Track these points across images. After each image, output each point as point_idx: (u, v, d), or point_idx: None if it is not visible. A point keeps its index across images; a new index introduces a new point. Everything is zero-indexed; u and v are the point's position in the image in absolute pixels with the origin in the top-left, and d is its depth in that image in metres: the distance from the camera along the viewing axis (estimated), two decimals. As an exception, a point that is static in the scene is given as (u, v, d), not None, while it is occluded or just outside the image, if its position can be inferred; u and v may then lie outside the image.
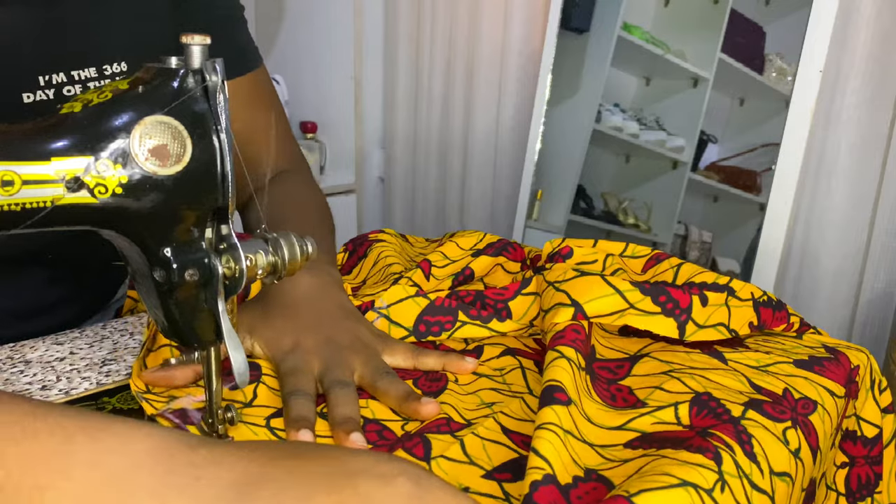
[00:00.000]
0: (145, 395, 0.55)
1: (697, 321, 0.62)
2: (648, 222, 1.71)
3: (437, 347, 0.66)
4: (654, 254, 0.74)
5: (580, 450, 0.48)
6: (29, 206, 0.41)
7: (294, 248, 0.48)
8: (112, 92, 0.43)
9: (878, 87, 1.38)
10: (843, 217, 1.43)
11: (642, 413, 0.52)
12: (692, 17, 1.63)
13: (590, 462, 0.47)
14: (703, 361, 0.60)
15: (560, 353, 0.55)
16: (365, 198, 2.22)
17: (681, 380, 0.56)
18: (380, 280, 0.75)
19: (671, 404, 0.52)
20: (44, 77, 0.65)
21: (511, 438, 0.52)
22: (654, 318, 0.61)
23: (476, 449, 0.50)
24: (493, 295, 0.69)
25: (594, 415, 0.52)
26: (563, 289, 0.63)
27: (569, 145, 1.79)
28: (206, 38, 0.44)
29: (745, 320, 0.64)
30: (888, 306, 1.43)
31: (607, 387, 0.57)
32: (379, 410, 0.56)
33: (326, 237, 0.76)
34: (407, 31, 2.05)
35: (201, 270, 0.45)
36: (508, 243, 0.81)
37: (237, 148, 0.46)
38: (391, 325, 0.67)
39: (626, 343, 0.64)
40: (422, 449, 0.49)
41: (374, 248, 0.82)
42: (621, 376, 0.59)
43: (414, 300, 0.68)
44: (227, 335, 0.47)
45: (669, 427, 0.50)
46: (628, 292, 0.62)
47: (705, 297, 0.62)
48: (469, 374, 0.62)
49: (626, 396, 0.56)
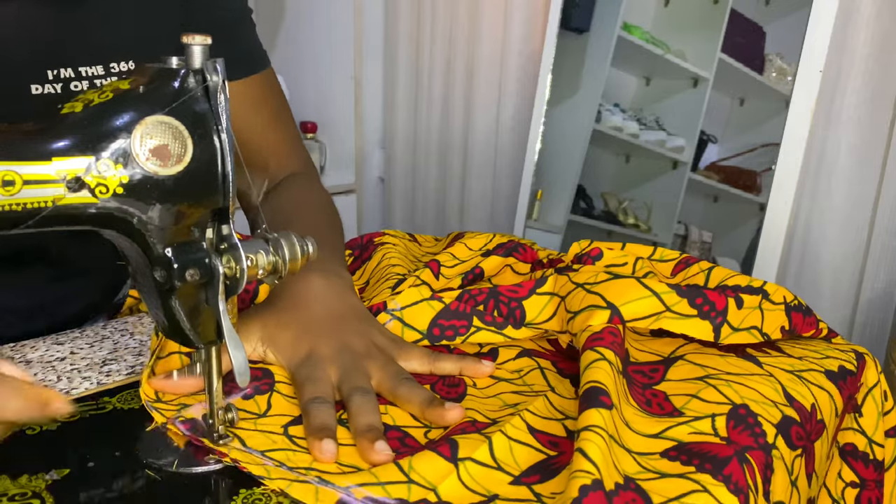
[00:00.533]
0: (155, 403, 0.55)
1: (732, 324, 0.61)
2: (648, 222, 1.71)
3: (452, 351, 0.66)
4: (684, 257, 0.74)
5: (620, 455, 0.48)
6: (30, 206, 0.41)
7: (295, 248, 0.48)
8: (113, 92, 0.43)
9: (878, 87, 1.38)
10: (843, 217, 1.43)
11: (679, 422, 0.52)
12: (692, 17, 1.63)
13: (628, 469, 0.47)
14: (738, 366, 0.59)
15: (601, 354, 0.55)
16: (365, 198, 2.22)
17: (717, 388, 0.55)
18: (381, 279, 0.75)
19: (708, 415, 0.52)
20: (52, 71, 0.66)
21: (538, 439, 0.52)
22: (690, 321, 0.61)
23: (503, 451, 0.49)
24: (507, 292, 0.68)
25: (631, 419, 0.52)
26: (596, 290, 0.62)
27: (569, 145, 1.79)
28: (206, 38, 0.44)
29: (778, 324, 0.63)
30: (888, 306, 1.43)
31: (642, 391, 0.57)
32: (399, 417, 0.56)
33: (335, 239, 0.76)
34: (407, 31, 2.05)
35: (202, 270, 0.46)
36: (520, 244, 0.80)
37: (237, 147, 0.46)
38: (404, 328, 0.66)
39: (658, 345, 0.64)
40: (448, 449, 0.48)
41: (378, 251, 0.82)
42: (656, 381, 0.59)
43: (429, 303, 0.67)
44: (227, 335, 0.47)
45: (706, 438, 0.50)
46: (665, 294, 0.61)
47: (740, 299, 0.62)
48: (487, 379, 0.62)
49: (661, 402, 0.56)
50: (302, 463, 0.49)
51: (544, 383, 0.61)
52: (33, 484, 0.46)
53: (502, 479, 0.48)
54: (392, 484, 0.46)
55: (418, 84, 2.05)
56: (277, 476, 0.47)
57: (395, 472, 0.47)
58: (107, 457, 0.50)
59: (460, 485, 0.46)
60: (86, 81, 0.68)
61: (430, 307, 0.67)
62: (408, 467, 0.47)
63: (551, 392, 0.58)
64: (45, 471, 0.48)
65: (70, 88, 0.67)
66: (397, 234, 0.88)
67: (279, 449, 0.50)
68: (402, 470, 0.47)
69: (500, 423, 0.53)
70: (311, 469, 0.48)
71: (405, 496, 0.45)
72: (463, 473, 0.47)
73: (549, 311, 0.67)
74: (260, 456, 0.49)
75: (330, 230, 0.76)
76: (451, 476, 0.46)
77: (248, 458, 0.49)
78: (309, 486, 0.46)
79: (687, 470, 0.47)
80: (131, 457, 0.50)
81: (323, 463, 0.49)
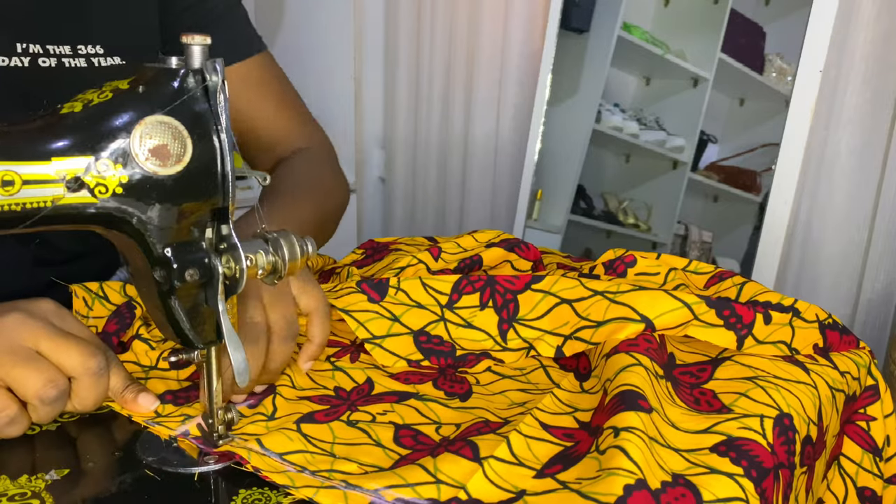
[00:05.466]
0: (156, 419, 0.55)
1: (757, 337, 0.62)
2: (648, 222, 1.71)
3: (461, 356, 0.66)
4: (718, 271, 0.74)
5: (666, 456, 0.48)
6: (29, 206, 0.41)
7: (294, 248, 0.48)
8: (112, 91, 0.43)
9: (878, 87, 1.38)
10: (843, 217, 1.43)
11: (728, 418, 0.52)
12: (692, 17, 1.63)
13: (676, 467, 0.47)
14: (787, 371, 0.59)
15: (636, 359, 0.55)
16: (365, 198, 2.22)
17: (766, 390, 0.56)
18: (384, 268, 0.75)
19: (758, 415, 0.52)
20: (21, 44, 0.67)
21: (552, 433, 0.52)
22: (715, 330, 0.61)
23: (522, 448, 0.50)
24: (503, 282, 0.68)
25: (678, 419, 0.53)
26: (622, 301, 0.63)
27: (569, 145, 1.79)
28: (206, 38, 0.44)
29: (810, 341, 0.63)
30: (888, 306, 1.43)
31: (690, 391, 0.58)
32: (408, 415, 0.56)
33: (305, 210, 0.75)
34: (407, 31, 2.05)
35: (201, 270, 0.46)
36: (523, 242, 0.81)
37: (237, 138, 0.46)
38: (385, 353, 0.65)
39: (705, 346, 0.64)
40: (469, 451, 0.49)
41: (391, 255, 0.82)
42: (704, 380, 0.59)
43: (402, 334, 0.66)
44: (227, 335, 0.47)
45: (755, 437, 0.50)
46: (695, 304, 0.62)
47: (769, 315, 0.62)
48: (491, 375, 0.62)
49: (710, 400, 0.56)
50: (323, 465, 0.49)
51: (548, 381, 0.61)
52: (33, 484, 0.46)
53: (525, 473, 0.48)
54: (421, 485, 0.46)
55: (418, 84, 2.05)
56: (302, 484, 0.47)
57: (420, 472, 0.47)
58: (107, 457, 0.50)
59: (487, 482, 0.46)
60: (53, 59, 0.68)
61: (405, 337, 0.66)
62: (433, 468, 0.47)
63: (557, 388, 0.59)
64: (45, 471, 0.48)
65: (38, 63, 0.67)
66: (418, 241, 0.88)
67: (297, 451, 0.50)
68: (428, 471, 0.47)
69: (513, 422, 0.53)
70: (334, 471, 0.48)
71: (435, 496, 0.45)
72: (488, 471, 0.47)
73: (543, 309, 0.67)
74: (279, 460, 0.49)
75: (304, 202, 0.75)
76: (477, 473, 0.47)
77: (269, 464, 0.49)
78: (337, 492, 0.46)
79: (735, 471, 0.47)
80: (131, 457, 0.50)
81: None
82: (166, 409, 0.56)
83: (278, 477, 0.47)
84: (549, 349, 0.65)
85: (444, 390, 0.59)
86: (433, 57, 1.99)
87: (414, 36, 2.04)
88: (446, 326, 0.67)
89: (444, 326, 0.67)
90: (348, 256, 0.86)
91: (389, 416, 0.55)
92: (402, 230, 2.16)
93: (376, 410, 0.56)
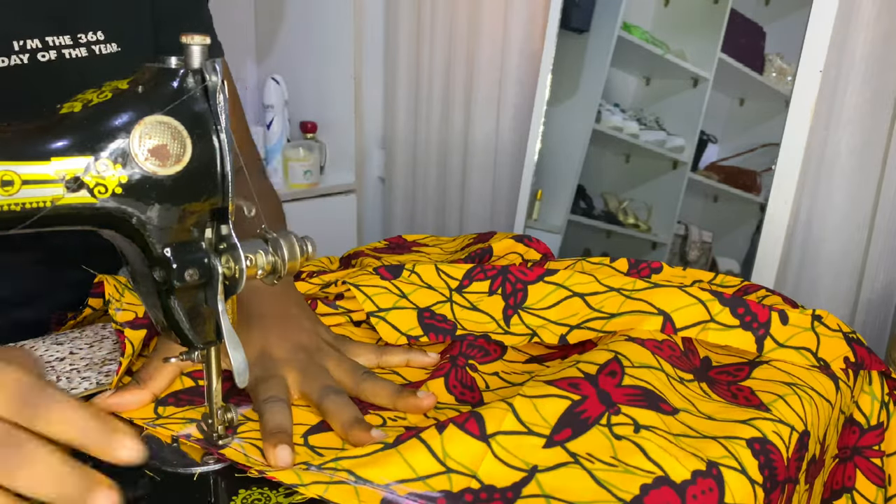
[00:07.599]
0: (157, 421, 0.54)
1: (777, 338, 0.61)
2: (648, 222, 1.71)
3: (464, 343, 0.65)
4: (744, 285, 0.74)
5: (701, 445, 0.48)
6: (29, 206, 0.41)
7: (294, 248, 0.48)
8: (112, 91, 0.43)
9: (878, 87, 1.38)
10: (843, 217, 1.43)
11: (766, 417, 0.52)
12: (692, 17, 1.63)
13: (714, 454, 0.47)
14: (821, 383, 0.59)
15: (658, 364, 0.55)
16: (365, 198, 2.22)
17: (801, 400, 0.55)
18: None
19: (790, 425, 0.52)
20: (18, 42, 0.66)
21: (557, 385, 0.51)
22: (733, 332, 0.61)
23: (528, 412, 0.49)
24: (516, 272, 0.69)
25: (716, 411, 0.53)
26: (639, 297, 0.63)
27: (569, 145, 1.79)
28: (205, 38, 0.44)
29: (839, 353, 0.62)
30: (888, 306, 1.43)
31: (728, 388, 0.58)
32: (420, 422, 0.55)
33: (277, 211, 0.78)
34: (407, 30, 2.05)
35: (201, 270, 0.45)
36: (531, 237, 0.84)
37: (237, 149, 0.46)
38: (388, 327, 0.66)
39: (739, 350, 0.64)
40: (475, 425, 0.48)
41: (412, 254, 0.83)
42: (742, 378, 0.59)
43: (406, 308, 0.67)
44: (226, 335, 0.47)
45: (781, 448, 0.50)
46: (709, 302, 0.62)
47: (785, 315, 0.62)
48: (499, 381, 0.62)
49: (748, 396, 0.56)
50: (328, 455, 0.49)
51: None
52: (32, 484, 0.46)
53: (535, 443, 0.47)
54: (432, 477, 0.45)
55: (418, 84, 2.05)
56: (311, 481, 0.45)
57: (429, 460, 0.46)
58: (106, 457, 0.50)
59: (498, 462, 0.46)
60: (53, 51, 0.68)
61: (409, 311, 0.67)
62: (441, 454, 0.46)
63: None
64: (45, 471, 0.48)
65: (38, 59, 0.67)
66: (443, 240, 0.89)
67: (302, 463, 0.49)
68: (437, 457, 0.46)
69: (517, 387, 0.53)
70: (340, 458, 0.47)
71: (448, 487, 0.45)
72: (497, 450, 0.47)
73: (552, 301, 0.67)
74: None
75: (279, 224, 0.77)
76: (486, 456, 0.46)
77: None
78: (348, 488, 0.45)
79: (757, 478, 0.47)
80: (130, 457, 0.50)
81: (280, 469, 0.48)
82: (167, 411, 0.56)
83: (285, 476, 0.46)
84: (552, 337, 0.64)
85: (455, 395, 0.59)
86: (433, 57, 1.99)
87: (414, 36, 2.04)
88: (452, 308, 0.67)
89: (449, 307, 0.67)
90: (372, 244, 0.88)
91: (401, 423, 0.55)
92: (402, 230, 2.16)
93: (388, 415, 0.56)
